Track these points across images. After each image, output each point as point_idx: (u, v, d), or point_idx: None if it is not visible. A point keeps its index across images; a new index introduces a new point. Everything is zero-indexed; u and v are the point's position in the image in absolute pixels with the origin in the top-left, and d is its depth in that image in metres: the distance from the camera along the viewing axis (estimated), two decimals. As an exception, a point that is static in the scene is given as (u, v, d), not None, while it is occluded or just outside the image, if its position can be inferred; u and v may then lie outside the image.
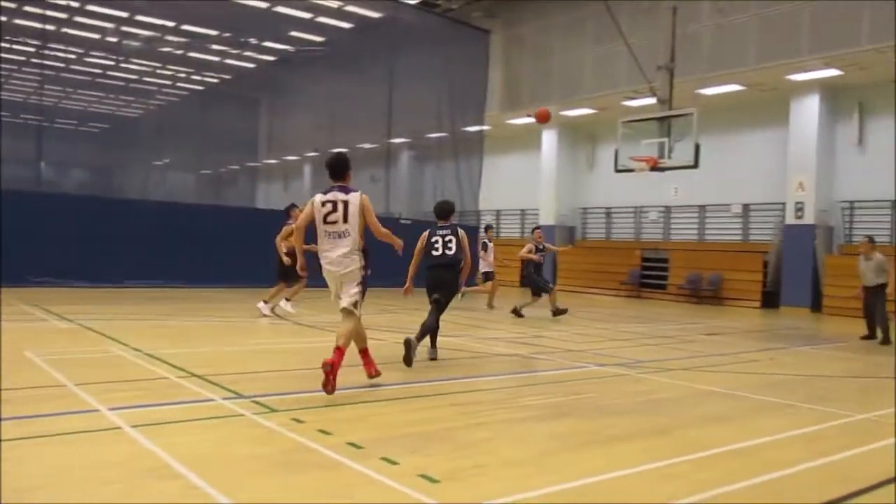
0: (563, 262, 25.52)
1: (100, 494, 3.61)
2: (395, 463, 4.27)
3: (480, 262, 15.81)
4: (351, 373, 7.41)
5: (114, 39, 22.83)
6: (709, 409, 6.55)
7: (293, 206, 12.69)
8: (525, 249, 14.58)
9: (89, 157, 28.20)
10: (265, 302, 12.60)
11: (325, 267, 6.45)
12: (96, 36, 23.38)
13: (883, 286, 12.29)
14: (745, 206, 21.44)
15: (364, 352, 6.86)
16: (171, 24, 22.78)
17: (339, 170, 6.56)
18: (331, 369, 5.93)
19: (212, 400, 5.81)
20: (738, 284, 20.37)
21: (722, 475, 4.37)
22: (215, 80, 26.18)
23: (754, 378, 8.23)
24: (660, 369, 8.51)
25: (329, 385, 5.92)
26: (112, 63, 24.16)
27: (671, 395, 6.99)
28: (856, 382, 8.38)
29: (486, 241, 16.08)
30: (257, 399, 5.82)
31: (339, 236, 6.36)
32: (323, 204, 6.38)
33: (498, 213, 29.34)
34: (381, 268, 8.32)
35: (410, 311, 13.23)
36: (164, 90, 27.66)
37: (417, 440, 4.86)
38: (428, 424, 5.35)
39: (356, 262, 6.39)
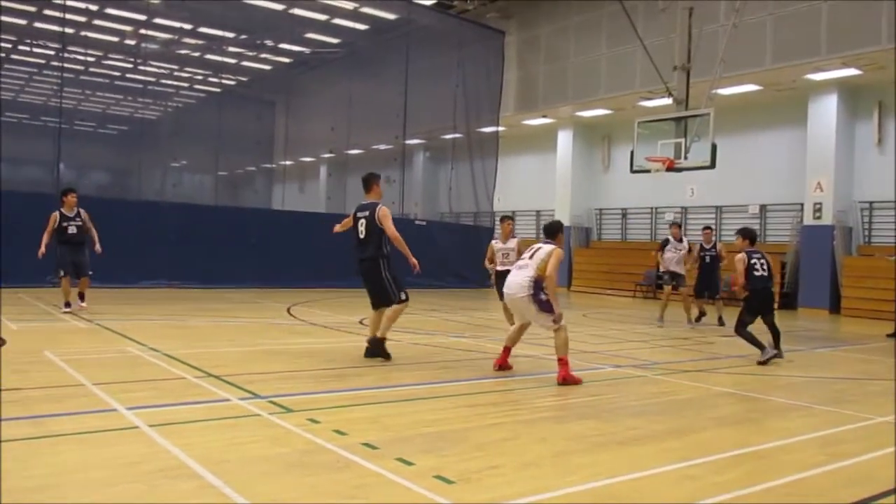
0: (578, 262, 25.44)
1: (116, 494, 3.64)
2: (410, 463, 4.27)
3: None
4: (366, 373, 7.44)
5: (132, 42, 23.03)
6: (725, 410, 6.51)
7: (506, 217, 11.89)
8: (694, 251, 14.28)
9: (108, 159, 28.47)
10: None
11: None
12: (115, 39, 23.61)
13: None
14: (763, 207, 21.26)
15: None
16: (188, 26, 22.96)
17: None
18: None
19: (228, 400, 5.85)
20: (756, 286, 20.17)
21: (739, 478, 4.34)
22: (232, 83, 26.35)
23: (771, 380, 8.16)
24: (676, 371, 8.46)
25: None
26: (130, 65, 24.39)
27: (688, 397, 6.95)
28: (874, 385, 8.29)
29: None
30: (273, 399, 5.85)
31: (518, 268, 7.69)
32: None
33: (513, 214, 29.28)
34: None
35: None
36: (182, 92, 27.89)
37: (432, 441, 4.86)
38: (443, 425, 5.35)
39: None
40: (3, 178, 18.30)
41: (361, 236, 8.09)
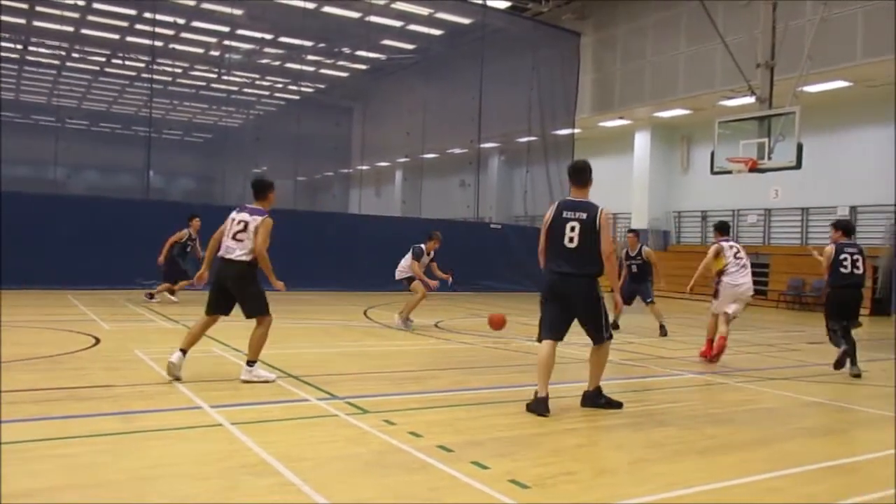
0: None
1: (200, 488, 3.77)
2: (485, 467, 4.27)
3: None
4: (441, 376, 7.48)
5: (216, 53, 23.87)
6: (813, 420, 6.26)
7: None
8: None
9: (194, 166, 29.59)
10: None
11: None
12: (200, 51, 24.52)
13: None
14: (853, 209, 20.34)
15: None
16: (269, 36, 23.64)
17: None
18: None
19: (307, 400, 5.98)
20: (846, 291, 19.31)
21: (827, 491, 4.17)
22: (311, 90, 26.97)
23: (863, 389, 7.80)
24: (760, 378, 8.18)
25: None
26: (214, 76, 25.27)
27: (772, 406, 6.71)
28: (978, 396, 7.80)
29: None
30: (350, 400, 5.95)
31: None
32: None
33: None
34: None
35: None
36: (263, 100, 28.72)
37: (507, 445, 4.85)
38: (518, 429, 5.33)
39: None
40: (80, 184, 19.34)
41: (572, 244, 5.92)
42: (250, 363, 6.81)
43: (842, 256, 8.50)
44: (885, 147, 19.20)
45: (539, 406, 5.76)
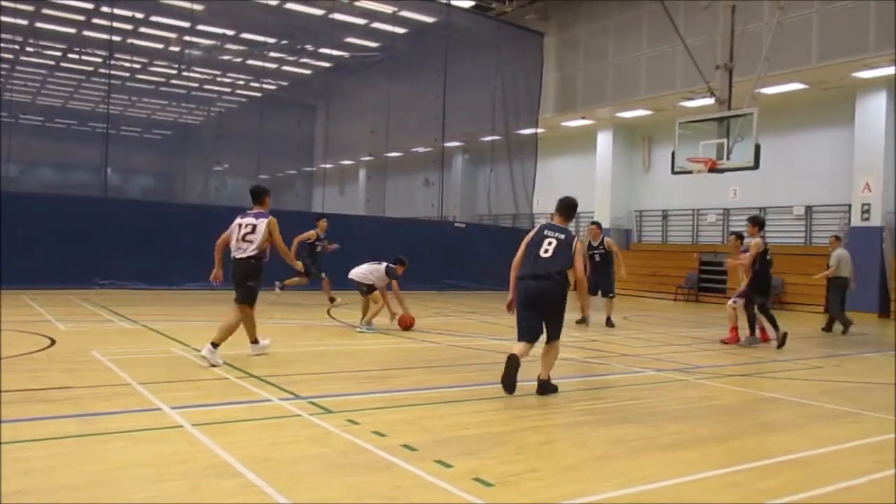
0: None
1: (164, 491, 3.71)
2: (449, 465, 4.28)
3: None
4: (405, 375, 7.47)
5: (176, 49, 23.48)
6: (770, 416, 6.39)
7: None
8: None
9: (153, 164, 29.06)
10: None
11: None
12: (160, 46, 24.09)
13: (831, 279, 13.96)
14: (808, 208, 20.82)
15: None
16: (230, 32, 23.32)
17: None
18: None
19: (269, 400, 5.92)
20: (802, 288, 19.75)
21: (784, 485, 4.26)
22: (273, 87, 26.67)
23: (818, 385, 7.99)
24: (719, 375, 8.33)
25: None
26: (174, 72, 24.84)
27: (731, 402, 6.84)
28: (927, 391, 8.04)
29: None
30: (313, 400, 5.91)
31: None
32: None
33: (552, 217, 29.10)
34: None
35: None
36: (224, 97, 28.31)
37: (471, 443, 4.87)
38: (482, 428, 5.35)
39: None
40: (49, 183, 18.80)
41: (547, 254, 6.75)
42: (215, 345, 7.40)
43: (765, 248, 10.95)
44: (839, 148, 19.69)
45: (510, 363, 6.48)
